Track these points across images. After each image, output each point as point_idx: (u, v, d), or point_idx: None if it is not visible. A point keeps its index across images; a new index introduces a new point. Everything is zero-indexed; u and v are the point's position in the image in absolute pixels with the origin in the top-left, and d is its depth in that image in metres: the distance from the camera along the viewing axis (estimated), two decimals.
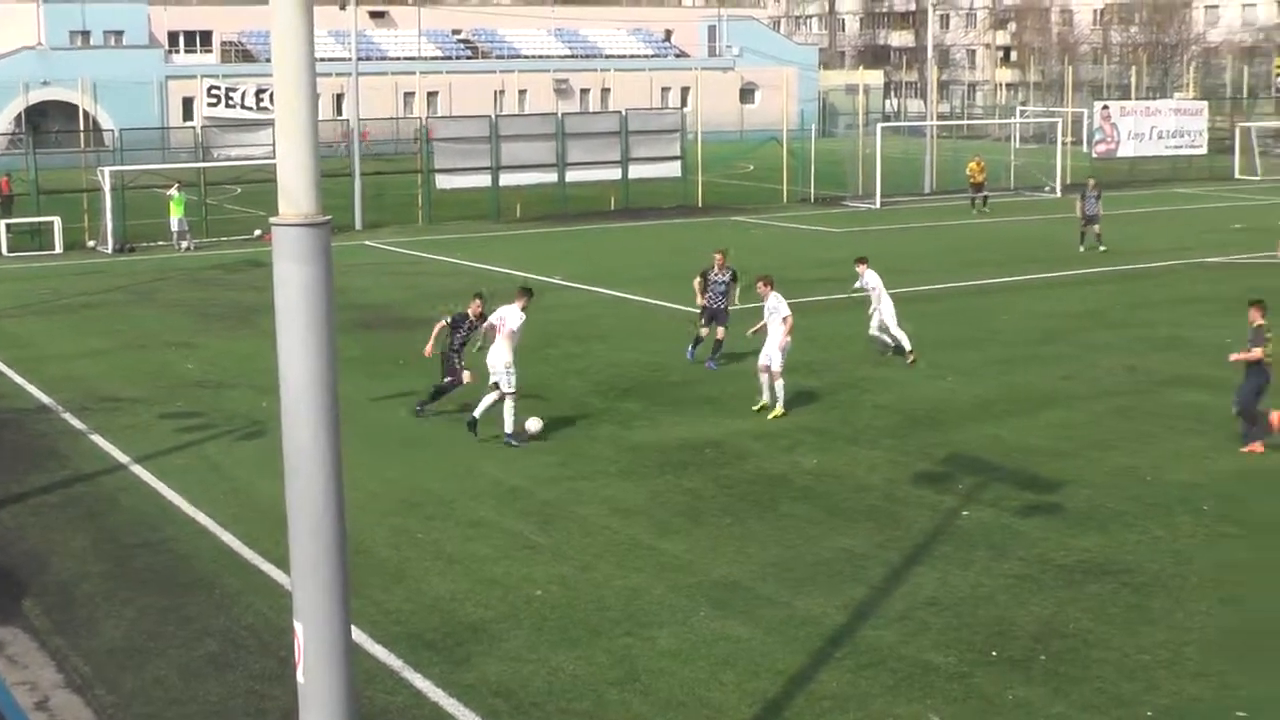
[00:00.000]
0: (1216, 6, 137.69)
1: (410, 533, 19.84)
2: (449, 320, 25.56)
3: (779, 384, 25.98)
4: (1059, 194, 68.13)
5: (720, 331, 29.62)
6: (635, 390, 27.88)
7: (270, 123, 48.39)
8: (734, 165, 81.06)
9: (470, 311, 25.44)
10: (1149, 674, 14.93)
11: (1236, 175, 77.49)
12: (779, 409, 25.88)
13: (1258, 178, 76.09)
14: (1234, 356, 23.98)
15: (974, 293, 40.32)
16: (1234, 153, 79.85)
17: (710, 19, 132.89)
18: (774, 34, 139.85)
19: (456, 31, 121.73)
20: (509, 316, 24.27)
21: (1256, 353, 23.27)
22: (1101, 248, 47.12)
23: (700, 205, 63.93)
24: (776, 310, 26.31)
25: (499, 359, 24.11)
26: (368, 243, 52.78)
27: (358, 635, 14.71)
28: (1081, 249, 47.71)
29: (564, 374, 29.81)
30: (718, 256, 30.29)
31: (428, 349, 25.71)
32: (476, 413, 24.50)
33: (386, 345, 32.78)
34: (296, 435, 9.21)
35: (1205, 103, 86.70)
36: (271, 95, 15.78)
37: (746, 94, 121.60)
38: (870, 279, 30.72)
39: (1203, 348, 31.39)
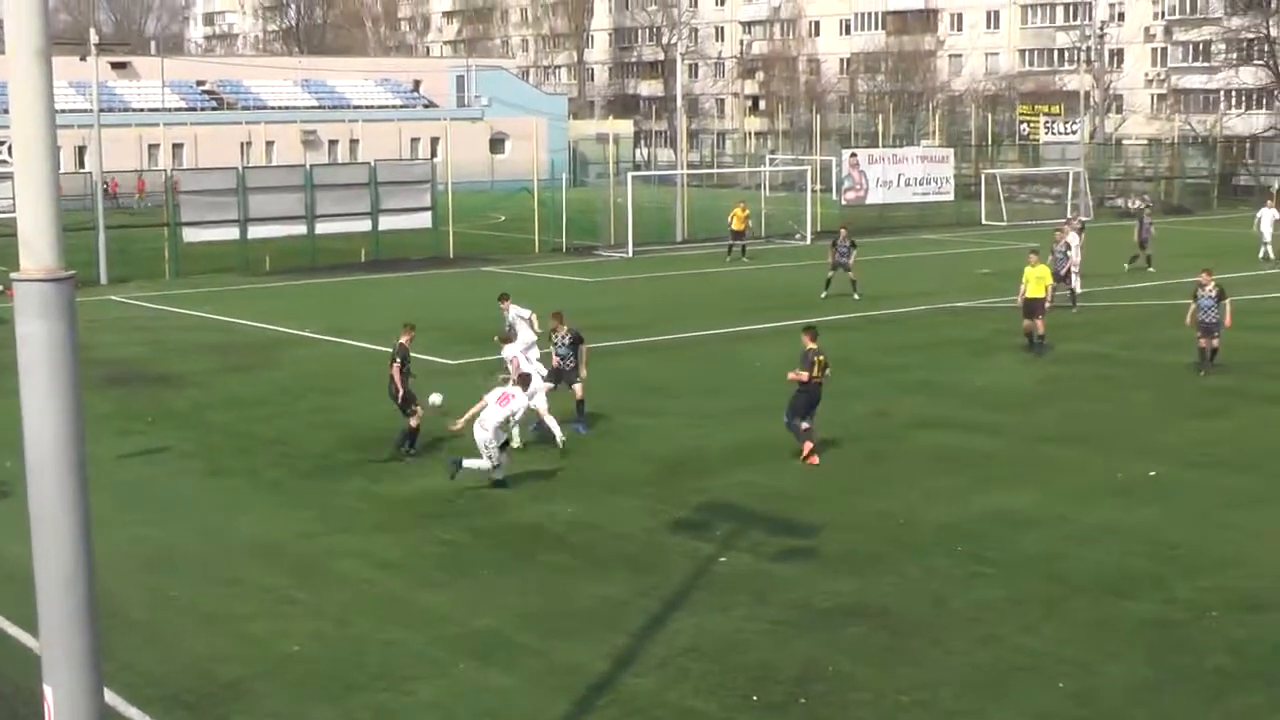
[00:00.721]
0: (960, 56, 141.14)
1: (164, 591, 19.38)
2: (398, 360, 26.54)
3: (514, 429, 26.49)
4: (809, 241, 69.01)
5: (579, 390, 28.76)
6: (387, 443, 27.40)
7: (9, 176, 47.28)
8: (485, 215, 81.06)
9: (404, 340, 26.86)
10: (907, 713, 15.14)
11: (983, 221, 79.16)
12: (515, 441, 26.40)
13: (1004, 223, 77.91)
14: (791, 375, 25.90)
15: (725, 340, 40.62)
16: (980, 199, 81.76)
17: (459, 69, 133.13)
18: (523, 84, 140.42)
19: (201, 83, 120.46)
20: (517, 396, 24.83)
21: (803, 375, 25.64)
22: (855, 296, 47.01)
23: (452, 256, 63.55)
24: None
25: (492, 421, 24.38)
26: (113, 297, 51.68)
27: (111, 698, 14.31)
28: (824, 295, 47.35)
29: (313, 427, 29.38)
30: (553, 320, 29.57)
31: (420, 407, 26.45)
32: (469, 463, 24.44)
33: (135, 402, 32.09)
34: (43, 495, 9.02)
35: (951, 150, 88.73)
36: (10, 147, 15.39)
37: (496, 144, 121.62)
38: (514, 315, 31.77)
39: (951, 390, 32.10)
